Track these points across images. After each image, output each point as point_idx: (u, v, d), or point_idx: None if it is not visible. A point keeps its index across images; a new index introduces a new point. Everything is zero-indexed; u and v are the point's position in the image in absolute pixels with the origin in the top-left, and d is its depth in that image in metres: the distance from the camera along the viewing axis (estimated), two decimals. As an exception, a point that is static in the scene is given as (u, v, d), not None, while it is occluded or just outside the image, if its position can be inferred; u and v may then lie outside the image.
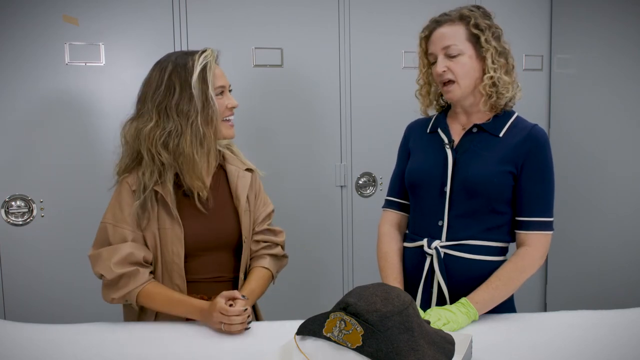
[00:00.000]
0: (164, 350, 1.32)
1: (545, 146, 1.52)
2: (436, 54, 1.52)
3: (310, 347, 1.10)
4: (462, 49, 1.49)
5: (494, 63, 1.49)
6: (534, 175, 1.50)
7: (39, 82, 2.21)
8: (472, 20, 1.50)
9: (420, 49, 1.59)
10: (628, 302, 1.72)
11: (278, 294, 2.04)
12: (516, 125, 1.54)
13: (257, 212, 1.67)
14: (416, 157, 1.64)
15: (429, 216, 1.57)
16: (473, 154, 1.52)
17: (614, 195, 2.52)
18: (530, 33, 2.83)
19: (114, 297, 1.50)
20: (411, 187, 1.62)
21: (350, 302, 1.08)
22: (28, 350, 1.32)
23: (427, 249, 1.55)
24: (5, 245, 2.23)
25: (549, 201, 1.52)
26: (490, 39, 1.50)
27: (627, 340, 1.32)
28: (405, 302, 1.09)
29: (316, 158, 2.60)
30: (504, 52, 1.53)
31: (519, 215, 1.52)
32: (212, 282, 1.59)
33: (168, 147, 1.49)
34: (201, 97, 1.49)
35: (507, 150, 1.50)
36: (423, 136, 1.65)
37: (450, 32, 1.50)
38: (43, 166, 2.24)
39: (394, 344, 1.03)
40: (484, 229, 1.52)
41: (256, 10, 2.44)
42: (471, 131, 1.56)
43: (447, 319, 1.38)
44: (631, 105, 2.43)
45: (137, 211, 1.51)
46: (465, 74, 1.50)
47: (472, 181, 1.50)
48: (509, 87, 1.51)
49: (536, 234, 1.50)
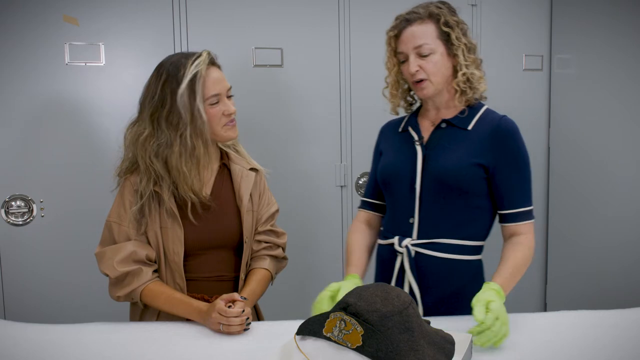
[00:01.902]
0: (164, 350, 1.32)
1: (515, 136, 1.52)
2: (407, 53, 1.51)
3: (310, 347, 1.10)
4: (434, 47, 1.49)
5: (466, 59, 1.50)
6: (509, 167, 1.50)
7: (39, 82, 2.21)
8: (442, 18, 1.50)
9: (389, 47, 1.57)
10: (628, 302, 1.72)
11: (278, 294, 2.04)
12: (485, 117, 1.55)
13: (260, 211, 1.67)
14: (387, 155, 1.64)
15: (401, 214, 1.57)
16: (442, 148, 1.52)
17: (614, 195, 2.52)
18: (530, 33, 2.83)
19: (119, 295, 1.52)
20: (383, 185, 1.63)
21: (351, 302, 1.08)
22: (28, 350, 1.32)
23: (398, 247, 1.54)
24: (5, 245, 2.23)
25: (528, 190, 1.53)
26: (460, 36, 1.51)
27: (627, 340, 1.32)
28: (405, 302, 1.09)
29: (316, 158, 2.59)
30: (473, 48, 1.54)
31: (503, 209, 1.52)
32: (213, 281, 1.60)
33: (159, 158, 1.50)
34: (189, 109, 1.48)
35: (476, 143, 1.50)
36: (395, 136, 1.65)
37: (421, 31, 1.49)
38: (43, 166, 2.24)
39: (394, 344, 1.03)
40: (457, 227, 1.52)
41: (256, 10, 2.43)
42: (440, 127, 1.56)
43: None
44: (631, 106, 2.42)
45: (135, 216, 1.52)
46: (438, 71, 1.50)
47: (441, 175, 1.50)
48: (482, 81, 1.53)
49: (525, 224, 1.51)
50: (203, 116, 1.49)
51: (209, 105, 1.51)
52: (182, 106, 1.47)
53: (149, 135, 1.51)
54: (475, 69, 1.52)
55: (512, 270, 1.43)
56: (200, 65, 1.48)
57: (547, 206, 2.91)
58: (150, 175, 1.52)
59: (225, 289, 1.57)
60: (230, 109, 1.54)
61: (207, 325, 1.43)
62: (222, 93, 1.53)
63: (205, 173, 1.60)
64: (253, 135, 2.46)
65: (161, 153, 1.50)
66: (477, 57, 1.55)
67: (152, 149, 1.50)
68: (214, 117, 1.52)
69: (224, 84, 1.55)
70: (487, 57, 2.75)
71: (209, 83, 1.50)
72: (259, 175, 1.69)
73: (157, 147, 1.50)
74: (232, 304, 1.41)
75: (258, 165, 1.70)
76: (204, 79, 1.49)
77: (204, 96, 1.49)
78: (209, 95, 1.50)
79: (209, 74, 1.50)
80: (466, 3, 2.71)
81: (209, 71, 1.51)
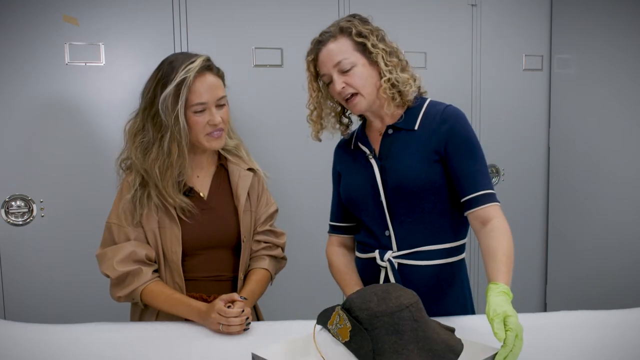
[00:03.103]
0: (164, 350, 1.32)
1: (462, 122, 1.48)
2: (330, 73, 1.48)
3: (320, 338, 1.15)
4: (353, 60, 1.46)
5: (387, 65, 1.47)
6: (461, 152, 1.46)
7: (39, 82, 2.21)
8: (353, 29, 1.47)
9: (309, 73, 1.55)
10: (628, 302, 1.72)
11: (278, 294, 2.04)
12: (429, 112, 1.51)
13: (259, 211, 1.68)
14: (346, 176, 1.61)
15: (375, 228, 1.54)
16: (395, 156, 1.50)
17: (614, 195, 2.52)
18: (530, 33, 2.83)
19: (120, 295, 1.53)
20: (350, 205, 1.60)
21: (350, 297, 1.11)
22: (28, 350, 1.32)
23: (380, 262, 1.51)
24: (5, 245, 2.23)
25: (486, 174, 1.47)
26: (376, 43, 1.47)
27: (627, 340, 1.32)
28: (402, 305, 1.09)
29: (316, 158, 2.59)
30: (394, 51, 1.50)
31: (464, 195, 1.46)
32: (212, 280, 1.60)
33: (143, 155, 1.52)
34: (170, 114, 1.47)
35: (426, 141, 1.48)
36: (348, 154, 1.62)
37: (336, 47, 1.47)
38: (43, 166, 2.24)
39: (378, 344, 1.04)
40: (433, 231, 1.49)
41: (256, 10, 2.43)
42: (387, 134, 1.53)
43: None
44: (631, 106, 2.43)
45: (128, 206, 1.53)
46: (365, 82, 1.46)
47: (401, 183, 1.47)
48: (410, 83, 1.49)
49: (491, 206, 1.43)
50: (182, 123, 1.48)
51: (192, 113, 1.50)
52: (164, 109, 1.47)
53: (139, 130, 1.52)
54: (400, 72, 1.48)
55: (506, 262, 1.34)
56: (190, 71, 1.46)
57: (547, 206, 2.91)
58: (139, 170, 1.53)
59: (224, 289, 1.57)
60: (216, 119, 1.51)
61: (206, 325, 1.43)
62: (209, 102, 1.51)
63: (200, 174, 1.62)
64: (253, 135, 2.46)
65: (144, 150, 1.51)
66: (400, 59, 1.51)
67: (139, 145, 1.52)
68: (196, 125, 1.51)
69: (215, 93, 1.52)
70: (487, 57, 2.79)
71: (197, 90, 1.48)
72: (257, 176, 1.69)
73: (142, 144, 1.51)
74: (232, 304, 1.41)
75: (257, 165, 1.70)
76: (190, 86, 1.47)
77: (189, 103, 1.48)
78: (193, 102, 1.49)
79: (199, 81, 1.49)
80: (466, 3, 2.71)
81: (200, 78, 1.49)
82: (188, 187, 1.59)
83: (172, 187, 1.53)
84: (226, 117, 1.56)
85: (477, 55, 2.76)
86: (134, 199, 1.53)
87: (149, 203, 1.53)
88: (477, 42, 2.75)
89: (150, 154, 1.50)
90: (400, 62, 1.50)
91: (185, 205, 1.54)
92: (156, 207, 1.54)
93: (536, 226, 2.92)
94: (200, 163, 1.62)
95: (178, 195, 1.54)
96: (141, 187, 1.53)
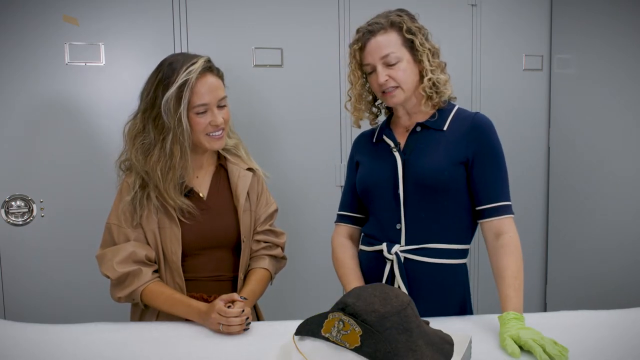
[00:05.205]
0: (164, 350, 1.32)
1: (492, 131, 1.52)
2: (374, 64, 1.50)
3: (309, 347, 1.10)
4: (400, 55, 1.49)
5: (431, 65, 1.50)
6: (486, 160, 1.49)
7: (39, 82, 2.21)
8: (404, 25, 1.50)
9: (354, 61, 1.56)
10: (628, 302, 1.72)
11: (278, 294, 2.04)
12: (458, 116, 1.55)
13: (259, 211, 1.68)
14: (365, 165, 1.62)
15: (387, 220, 1.55)
16: (420, 152, 1.52)
17: (614, 195, 2.52)
18: (530, 33, 2.83)
19: (120, 296, 1.53)
20: (364, 195, 1.60)
21: (349, 302, 1.08)
22: (28, 350, 1.32)
23: (387, 254, 1.52)
24: (5, 245, 2.23)
25: (506, 185, 1.51)
26: (423, 42, 1.51)
27: (627, 340, 1.32)
28: (404, 303, 1.09)
29: (316, 158, 2.59)
30: (437, 52, 1.54)
31: (481, 204, 1.49)
32: (212, 280, 1.60)
33: (143, 157, 1.51)
34: (173, 116, 1.47)
35: (453, 142, 1.50)
36: (370, 147, 1.64)
37: (386, 40, 1.49)
38: (43, 166, 2.24)
39: (393, 344, 1.03)
40: (443, 230, 1.51)
41: (256, 10, 2.43)
42: (415, 130, 1.55)
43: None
44: (631, 105, 2.42)
45: (128, 207, 1.53)
46: (407, 78, 1.50)
47: (423, 178, 1.49)
48: (447, 85, 1.53)
49: (506, 218, 1.48)
50: (185, 125, 1.48)
51: (194, 114, 1.50)
52: (166, 111, 1.47)
53: (139, 131, 1.52)
54: (440, 73, 1.52)
55: (514, 285, 1.40)
56: (192, 73, 1.47)
57: (547, 206, 2.91)
58: (139, 172, 1.53)
59: (224, 289, 1.58)
60: (217, 120, 1.52)
61: (206, 325, 1.43)
62: (211, 103, 1.51)
63: (199, 174, 1.61)
64: (253, 135, 2.46)
65: (145, 152, 1.51)
66: (441, 61, 1.55)
67: (139, 147, 1.51)
68: (198, 126, 1.51)
69: (216, 94, 1.53)
70: (487, 57, 2.78)
71: (199, 92, 1.49)
72: (256, 176, 1.69)
73: (143, 146, 1.51)
74: (232, 304, 1.41)
75: (256, 165, 1.70)
76: (192, 87, 1.47)
77: (191, 104, 1.49)
78: (195, 104, 1.49)
79: (200, 83, 1.49)
80: (466, 3, 2.71)
81: (202, 79, 1.50)
82: (188, 188, 1.59)
83: (174, 188, 1.53)
84: (227, 118, 1.57)
85: (477, 55, 2.76)
86: (133, 201, 1.53)
87: (148, 204, 1.53)
88: (477, 42, 2.75)
89: (152, 156, 1.50)
90: (441, 63, 1.54)
91: (185, 207, 1.54)
92: (156, 209, 1.54)
93: (536, 226, 2.92)
94: (199, 163, 1.63)
95: (179, 197, 1.54)
96: (141, 189, 1.53)
